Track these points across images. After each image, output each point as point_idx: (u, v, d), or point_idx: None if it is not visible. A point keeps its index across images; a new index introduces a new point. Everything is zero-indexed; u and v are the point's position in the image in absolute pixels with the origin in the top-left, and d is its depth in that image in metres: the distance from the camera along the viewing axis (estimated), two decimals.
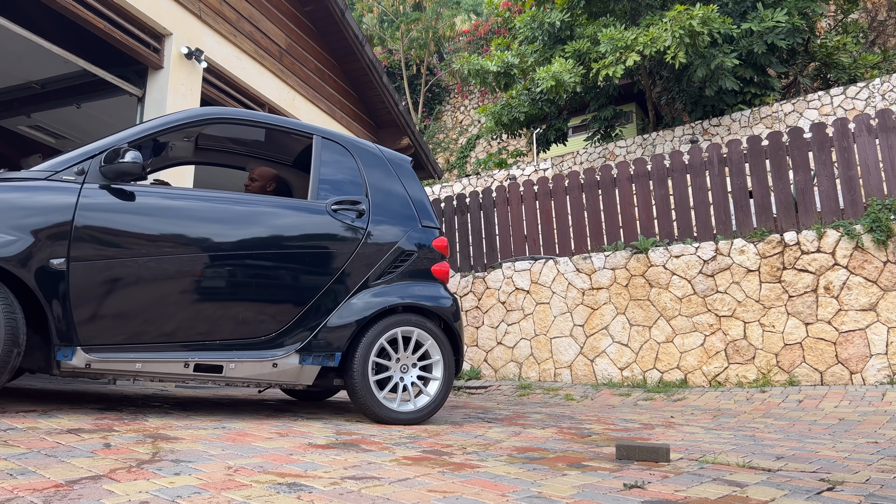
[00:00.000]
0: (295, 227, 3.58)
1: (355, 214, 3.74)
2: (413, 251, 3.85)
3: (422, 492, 2.02)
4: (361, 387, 3.50)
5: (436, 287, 3.90)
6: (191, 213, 3.34)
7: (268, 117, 3.94)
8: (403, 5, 22.92)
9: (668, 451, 2.75)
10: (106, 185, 3.19)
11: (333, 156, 3.88)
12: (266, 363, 3.39)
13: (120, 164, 3.13)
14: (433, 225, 4.00)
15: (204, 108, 3.72)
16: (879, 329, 5.80)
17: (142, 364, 3.14)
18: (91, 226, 3.07)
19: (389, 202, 3.90)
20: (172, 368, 3.21)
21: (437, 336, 3.76)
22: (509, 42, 15.32)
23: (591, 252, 7.61)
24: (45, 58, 6.24)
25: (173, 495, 1.78)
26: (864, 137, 6.67)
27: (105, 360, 3.05)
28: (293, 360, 3.45)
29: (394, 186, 3.97)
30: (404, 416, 3.62)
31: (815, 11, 11.99)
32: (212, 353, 3.29)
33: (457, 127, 23.03)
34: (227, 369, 3.31)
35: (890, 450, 3.29)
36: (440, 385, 3.73)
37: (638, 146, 13.39)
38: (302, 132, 3.92)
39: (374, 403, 3.53)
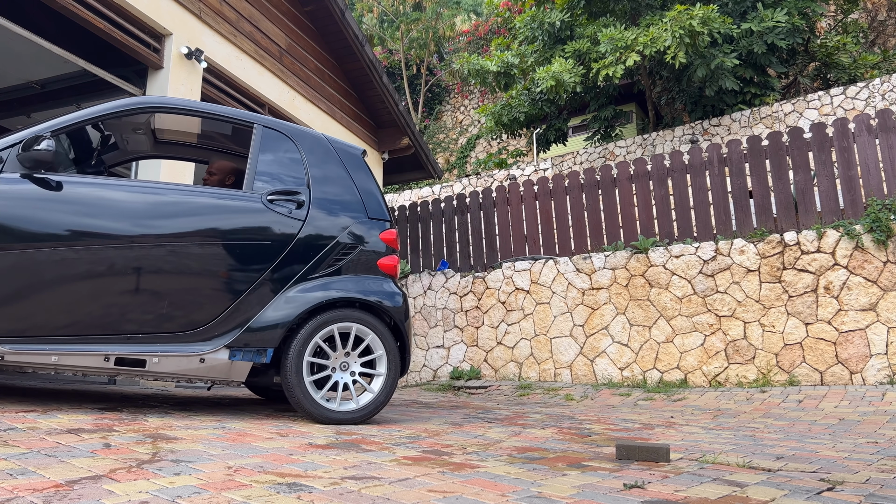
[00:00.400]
0: (226, 218, 3.45)
1: (294, 206, 3.61)
2: (357, 244, 3.71)
3: (422, 492, 2.02)
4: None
5: (381, 281, 3.73)
6: (116, 204, 3.26)
7: (205, 106, 3.79)
8: (403, 5, 22.92)
9: (668, 451, 2.75)
10: (27, 174, 3.14)
11: (275, 145, 3.75)
12: (192, 358, 3.27)
13: (33, 153, 3.09)
14: (382, 217, 3.85)
15: (135, 98, 3.61)
16: (879, 329, 5.80)
17: (58, 357, 3.06)
18: (6, 214, 3.02)
19: (334, 194, 3.75)
20: (91, 362, 3.12)
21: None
22: (509, 42, 15.32)
23: (591, 252, 7.61)
24: (45, 58, 6.24)
25: (173, 495, 1.78)
26: (864, 137, 6.67)
27: (19, 353, 3.00)
28: (222, 356, 3.32)
29: (340, 178, 3.83)
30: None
31: (815, 11, 11.99)
32: (133, 347, 3.19)
33: (457, 127, 23.03)
34: (151, 364, 3.20)
35: (890, 450, 3.29)
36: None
37: (638, 146, 13.39)
38: (242, 121, 3.79)
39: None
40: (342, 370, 3.55)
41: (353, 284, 3.63)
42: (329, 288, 3.55)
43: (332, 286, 3.56)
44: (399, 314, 3.70)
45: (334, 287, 3.57)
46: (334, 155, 3.89)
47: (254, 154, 3.69)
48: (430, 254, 9.12)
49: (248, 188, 3.60)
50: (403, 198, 15.39)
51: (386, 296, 3.69)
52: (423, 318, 8.32)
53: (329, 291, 3.53)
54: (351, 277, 3.65)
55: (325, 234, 3.64)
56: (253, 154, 3.69)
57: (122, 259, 3.20)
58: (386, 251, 3.80)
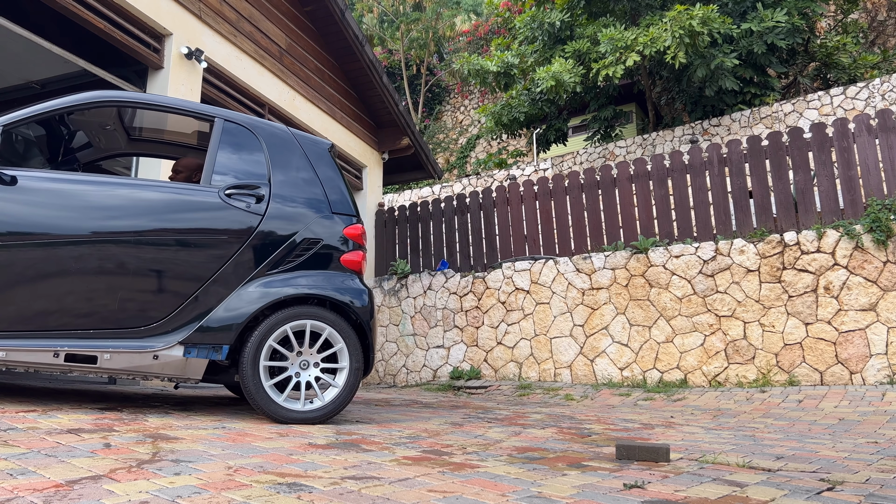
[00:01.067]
0: (181, 212, 3.39)
1: (253, 200, 3.55)
2: (319, 239, 3.63)
3: (422, 492, 2.02)
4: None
5: (344, 278, 3.63)
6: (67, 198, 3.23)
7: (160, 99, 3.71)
8: (403, 5, 22.92)
9: (668, 451, 2.75)
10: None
11: (235, 139, 3.69)
12: (146, 354, 3.21)
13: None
14: (347, 212, 3.77)
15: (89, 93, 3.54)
16: (879, 329, 5.80)
17: (5, 353, 3.03)
18: None
19: (296, 188, 3.67)
20: (40, 358, 3.08)
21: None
22: (509, 42, 15.32)
23: (591, 252, 7.61)
24: (45, 58, 6.24)
25: (173, 495, 1.78)
26: (863, 137, 6.67)
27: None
28: (176, 353, 3.25)
29: (303, 172, 3.75)
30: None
31: (814, 11, 11.99)
32: (84, 343, 3.14)
33: (457, 127, 23.03)
34: (102, 360, 3.15)
35: (890, 450, 3.29)
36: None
37: (638, 146, 13.39)
38: (202, 114, 3.73)
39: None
40: (302, 368, 3.47)
41: (315, 281, 3.54)
42: (289, 284, 3.47)
43: (292, 282, 3.49)
44: (363, 312, 3.60)
45: (295, 283, 3.48)
46: (298, 148, 3.81)
47: (213, 148, 3.63)
48: (430, 254, 9.12)
49: (206, 182, 3.54)
50: (403, 198, 15.39)
51: (350, 292, 3.60)
52: (423, 318, 8.32)
53: (289, 288, 3.45)
54: (313, 273, 3.56)
55: (285, 229, 3.56)
56: (212, 148, 3.63)
57: (73, 254, 3.16)
58: (351, 247, 3.71)
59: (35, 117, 3.42)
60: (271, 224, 3.53)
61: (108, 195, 3.31)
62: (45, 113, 3.43)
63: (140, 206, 3.33)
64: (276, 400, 3.33)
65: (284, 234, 3.55)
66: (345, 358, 3.50)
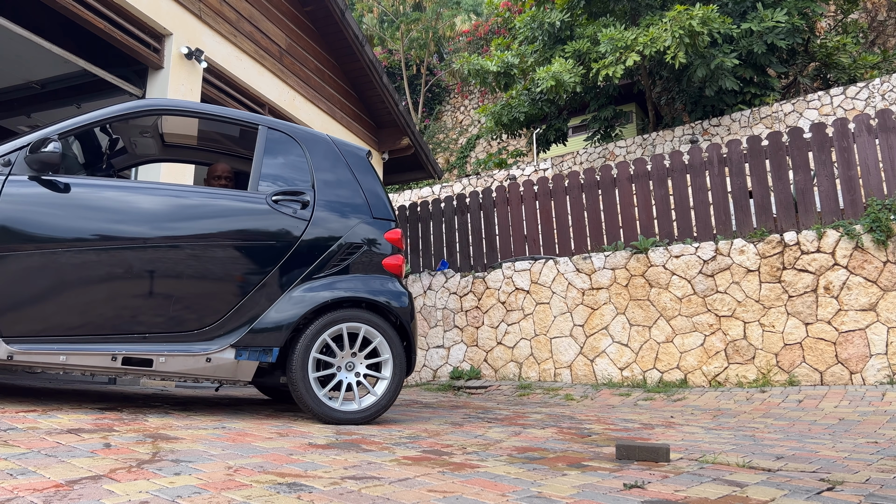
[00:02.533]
0: (231, 219, 3.47)
1: (299, 206, 3.63)
2: (362, 244, 3.72)
3: (422, 492, 2.02)
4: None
5: (386, 281, 3.73)
6: (122, 205, 3.29)
7: (210, 108, 3.80)
8: (403, 5, 22.92)
9: (668, 451, 2.75)
10: (36, 176, 3.17)
11: (280, 147, 3.77)
12: (199, 357, 3.28)
13: (40, 155, 3.11)
14: (387, 217, 3.87)
15: (141, 101, 3.64)
16: (879, 329, 5.80)
17: (66, 357, 3.09)
18: (13, 216, 3.05)
19: (338, 194, 3.77)
20: (99, 362, 3.15)
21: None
22: (509, 42, 15.32)
23: (591, 252, 7.61)
24: (45, 58, 6.24)
25: (173, 495, 1.78)
26: (863, 137, 6.67)
27: (28, 353, 3.04)
28: (228, 355, 3.34)
29: (345, 178, 3.84)
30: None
31: (814, 11, 11.99)
32: (140, 347, 3.21)
33: (457, 127, 23.03)
34: (158, 363, 3.23)
35: (890, 450, 3.29)
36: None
37: (638, 146, 13.39)
38: (247, 123, 3.81)
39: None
40: (347, 370, 3.57)
41: (359, 284, 3.63)
42: (334, 288, 3.55)
43: (336, 286, 3.57)
44: (405, 314, 3.70)
45: (339, 287, 3.57)
46: (339, 156, 3.91)
47: (258, 155, 3.71)
48: (430, 254, 9.12)
49: (252, 189, 3.61)
50: (403, 198, 15.39)
51: (391, 295, 3.70)
52: (423, 318, 8.31)
53: (334, 291, 3.54)
54: (356, 277, 3.66)
55: (329, 234, 3.65)
56: (258, 155, 3.71)
57: (130, 260, 3.23)
58: (391, 251, 3.82)
59: (89, 126, 3.49)
60: (316, 229, 3.63)
61: (159, 202, 3.38)
62: (98, 121, 3.49)
63: (192, 212, 3.42)
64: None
65: (329, 239, 3.65)
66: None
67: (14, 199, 3.07)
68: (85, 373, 3.25)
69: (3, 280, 2.99)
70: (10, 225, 3.04)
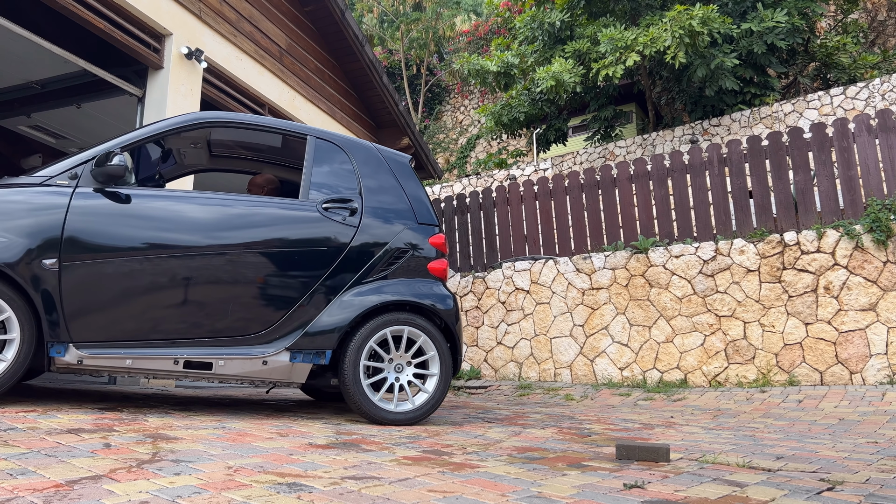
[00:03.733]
0: (284, 226, 3.60)
1: (347, 213, 3.75)
2: (408, 249, 3.84)
3: (422, 492, 2.02)
4: (353, 385, 3.49)
5: (432, 284, 3.85)
6: (181, 214, 3.42)
7: (262, 120, 3.95)
8: (403, 5, 22.91)
9: (668, 451, 2.75)
10: (100, 188, 3.30)
11: (327, 156, 3.90)
12: (256, 360, 3.41)
13: (107, 168, 3.23)
14: (431, 222, 3.98)
15: (197, 113, 3.76)
16: (879, 329, 5.80)
17: (132, 360, 3.23)
18: (81, 227, 3.18)
19: (384, 200, 3.89)
20: (162, 365, 3.28)
21: (433, 334, 3.69)
22: (509, 42, 15.31)
23: (591, 252, 7.61)
24: (45, 58, 6.24)
25: (173, 495, 1.78)
26: (863, 137, 6.67)
27: (96, 357, 3.16)
28: (283, 358, 3.46)
29: (390, 185, 3.96)
30: (396, 416, 3.59)
31: (814, 11, 11.99)
32: (201, 350, 3.34)
33: (457, 127, 23.03)
34: (217, 366, 3.35)
35: (890, 450, 3.29)
36: (435, 385, 3.67)
37: (638, 146, 13.39)
38: (296, 133, 3.95)
39: (365, 402, 3.51)
40: (396, 372, 3.68)
41: (405, 288, 3.75)
42: (383, 292, 3.68)
43: (384, 290, 3.69)
44: (450, 316, 3.82)
45: (387, 291, 3.69)
46: (384, 163, 4.04)
47: (308, 164, 3.84)
48: None
49: (303, 197, 3.75)
50: None
51: (437, 298, 3.82)
52: None
53: (382, 295, 3.66)
54: (402, 281, 3.78)
55: (377, 239, 3.78)
56: (307, 164, 3.84)
57: (192, 267, 3.36)
58: (435, 255, 3.95)
59: (149, 139, 3.61)
60: (364, 236, 3.75)
61: (216, 211, 3.51)
62: (157, 134, 3.61)
63: (248, 221, 3.54)
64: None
65: (376, 245, 3.77)
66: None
67: (82, 211, 3.21)
68: (148, 376, 3.37)
69: (73, 288, 3.12)
70: (79, 236, 3.18)
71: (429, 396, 3.66)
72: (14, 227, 3.06)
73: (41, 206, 3.15)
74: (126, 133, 3.55)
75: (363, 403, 3.51)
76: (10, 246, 3.02)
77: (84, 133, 8.17)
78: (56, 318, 3.09)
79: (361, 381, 3.51)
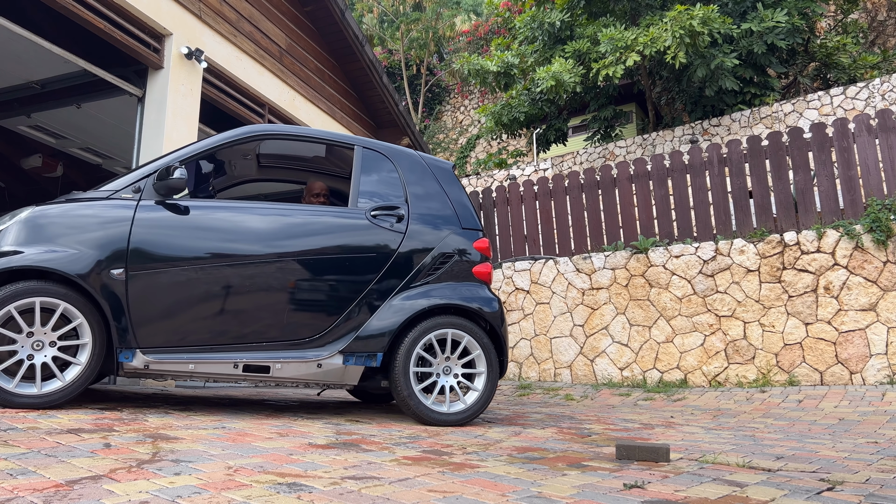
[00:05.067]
0: (336, 234, 3.75)
1: (394, 219, 3.88)
2: (453, 253, 3.95)
3: (422, 492, 2.03)
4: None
5: (477, 288, 3.96)
6: (238, 224, 3.58)
7: (312, 132, 4.18)
8: (403, 5, 22.91)
9: (668, 451, 2.75)
10: (161, 200, 3.48)
11: (374, 164, 4.04)
12: (311, 364, 3.55)
13: (169, 181, 3.40)
14: (475, 227, 4.10)
15: (250, 126, 3.91)
16: (879, 329, 5.80)
17: (195, 365, 3.39)
18: (146, 238, 3.36)
19: (429, 207, 4.02)
20: (223, 369, 3.43)
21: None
22: (509, 42, 15.30)
23: (591, 252, 7.61)
24: (45, 58, 6.24)
25: (173, 495, 1.78)
26: (863, 137, 6.67)
27: (162, 362, 3.33)
28: (336, 361, 3.59)
29: (434, 191, 4.10)
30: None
31: (814, 11, 11.98)
32: (259, 354, 3.49)
33: (457, 127, 23.03)
34: (274, 369, 3.49)
35: (890, 450, 3.29)
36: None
37: (638, 146, 13.39)
38: (344, 143, 4.10)
39: (415, 403, 3.62)
40: (445, 374, 3.78)
41: (452, 292, 3.86)
42: (429, 296, 3.79)
43: (432, 294, 3.81)
44: (495, 319, 3.91)
45: (434, 295, 3.81)
46: (428, 170, 4.17)
47: (356, 173, 3.97)
48: None
49: (352, 205, 3.88)
50: None
51: (483, 301, 3.92)
52: None
53: (430, 299, 3.77)
54: (449, 285, 3.89)
55: (423, 245, 3.90)
56: (355, 173, 3.97)
57: (249, 275, 3.51)
58: (480, 259, 4.04)
59: (207, 152, 3.77)
60: (411, 241, 3.88)
61: (271, 220, 3.65)
62: (214, 148, 3.76)
63: (302, 229, 3.69)
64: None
65: (423, 250, 3.89)
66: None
67: (146, 223, 3.39)
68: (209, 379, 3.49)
69: (139, 297, 3.29)
70: (143, 247, 3.35)
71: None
72: (85, 239, 3.25)
73: (109, 219, 3.33)
74: (184, 147, 3.74)
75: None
76: (82, 258, 3.20)
77: (84, 133, 8.17)
78: (124, 325, 3.26)
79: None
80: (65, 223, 3.27)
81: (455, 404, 3.74)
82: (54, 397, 3.09)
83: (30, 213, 3.28)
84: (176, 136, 6.09)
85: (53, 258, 3.15)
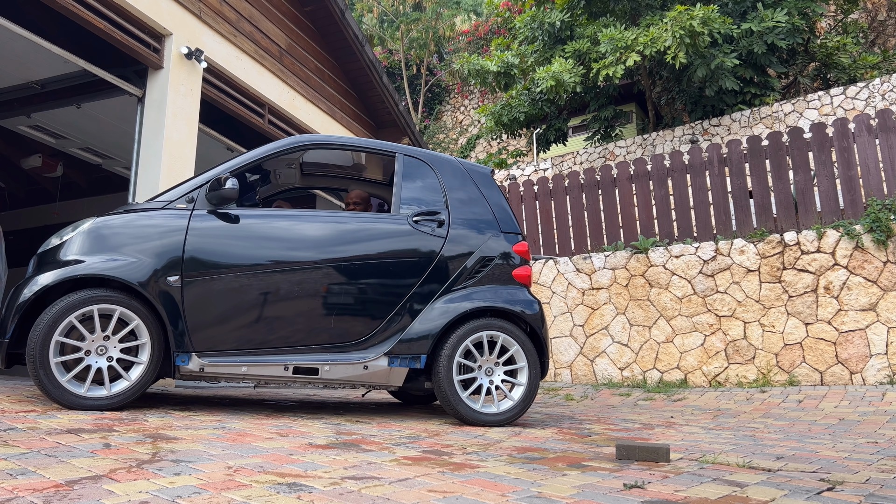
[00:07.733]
0: (380, 240, 3.83)
1: (436, 224, 3.94)
2: (493, 257, 4.00)
3: (422, 492, 2.02)
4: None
5: (517, 290, 3.99)
6: (286, 231, 3.69)
7: (356, 140, 4.28)
8: (403, 5, 22.91)
9: (668, 451, 2.75)
10: (213, 210, 3.60)
11: (415, 171, 4.11)
12: (358, 365, 3.63)
13: (221, 191, 3.52)
14: (514, 231, 4.14)
15: (296, 137, 4.01)
16: (879, 329, 5.80)
17: (247, 367, 3.49)
18: (200, 247, 3.49)
19: (469, 211, 4.07)
20: (274, 371, 3.53)
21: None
22: (509, 42, 15.30)
23: (591, 252, 7.61)
24: (45, 58, 6.24)
25: (173, 495, 1.78)
26: (863, 137, 6.67)
27: (216, 365, 3.45)
28: (382, 363, 3.67)
29: (473, 196, 4.14)
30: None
31: (815, 11, 11.98)
32: (309, 357, 3.59)
33: (457, 127, 23.03)
34: (323, 371, 3.59)
35: (890, 450, 3.29)
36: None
37: (638, 146, 13.39)
38: (385, 152, 4.18)
39: (459, 404, 3.66)
40: (487, 375, 3.82)
41: (493, 294, 3.91)
42: (471, 299, 3.84)
43: (473, 297, 3.86)
44: (535, 320, 3.95)
45: (476, 297, 3.86)
46: (467, 176, 4.22)
47: (398, 180, 4.05)
48: None
49: (395, 211, 3.97)
50: None
51: (524, 304, 3.95)
52: None
53: (472, 302, 3.82)
54: (489, 288, 3.94)
55: (464, 249, 3.96)
56: (397, 180, 4.06)
57: (298, 280, 3.61)
58: (520, 262, 4.09)
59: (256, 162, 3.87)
60: (452, 246, 3.95)
61: (318, 228, 3.76)
62: (263, 158, 3.87)
63: (348, 236, 3.79)
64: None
65: (463, 254, 3.96)
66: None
67: (200, 231, 3.52)
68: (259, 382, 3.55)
69: (194, 303, 3.41)
70: (198, 255, 3.47)
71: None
72: (144, 248, 3.39)
73: (166, 228, 3.47)
74: (234, 158, 3.85)
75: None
76: (142, 266, 3.35)
77: (84, 133, 8.16)
78: (181, 329, 3.38)
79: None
80: (124, 233, 3.40)
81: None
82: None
83: (91, 224, 3.42)
84: (176, 136, 6.09)
85: (114, 267, 3.30)
